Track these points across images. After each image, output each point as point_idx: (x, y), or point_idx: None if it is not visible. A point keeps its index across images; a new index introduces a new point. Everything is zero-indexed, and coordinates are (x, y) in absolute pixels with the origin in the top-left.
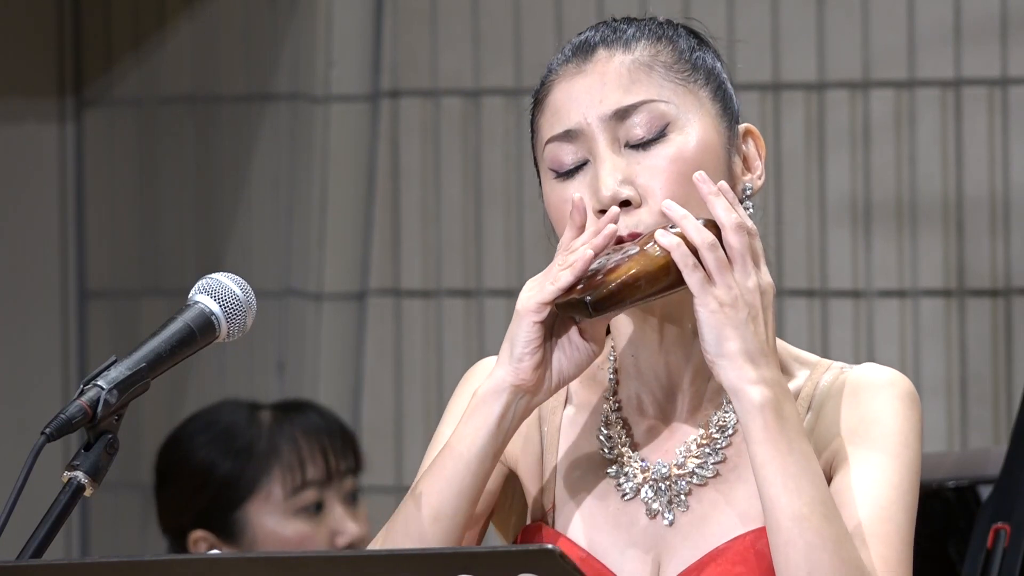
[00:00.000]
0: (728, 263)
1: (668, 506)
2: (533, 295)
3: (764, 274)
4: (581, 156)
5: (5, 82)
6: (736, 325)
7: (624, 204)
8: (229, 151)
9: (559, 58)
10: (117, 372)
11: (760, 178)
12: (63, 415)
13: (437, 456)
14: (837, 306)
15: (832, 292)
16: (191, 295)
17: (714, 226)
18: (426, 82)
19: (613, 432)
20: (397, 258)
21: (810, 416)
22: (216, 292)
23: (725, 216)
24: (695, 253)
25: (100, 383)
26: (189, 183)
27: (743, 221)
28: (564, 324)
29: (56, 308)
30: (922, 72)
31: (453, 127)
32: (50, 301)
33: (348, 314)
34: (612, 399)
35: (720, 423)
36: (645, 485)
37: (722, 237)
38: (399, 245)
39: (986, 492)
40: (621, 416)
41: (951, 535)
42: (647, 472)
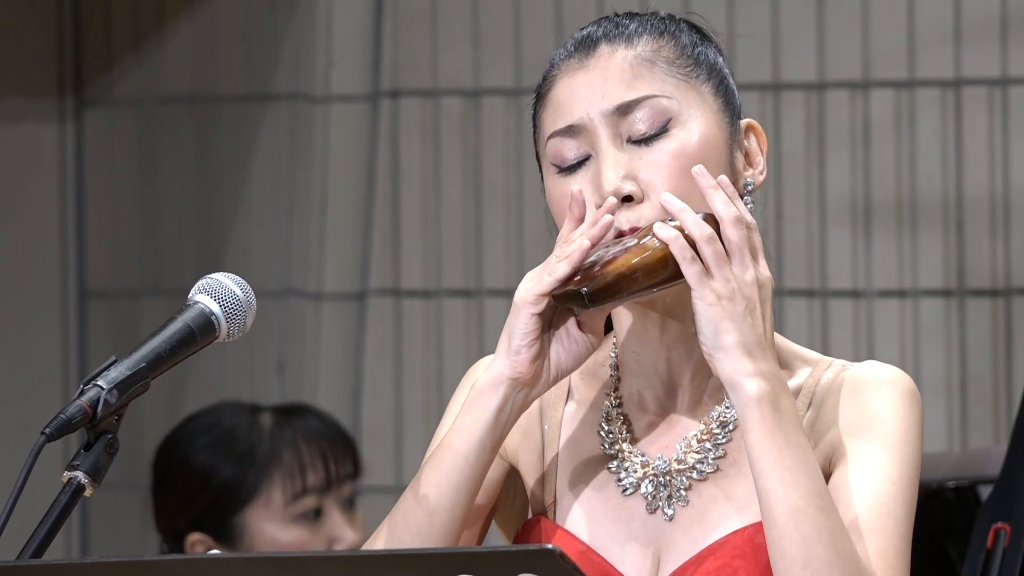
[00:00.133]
0: (726, 256)
1: (668, 501)
2: (531, 287)
3: (762, 268)
4: (583, 151)
5: (5, 82)
6: (733, 318)
7: (626, 199)
8: (229, 151)
9: (561, 53)
10: (117, 372)
11: (762, 173)
12: (63, 415)
13: (435, 449)
14: (837, 306)
15: (832, 292)
16: (191, 295)
17: (713, 220)
18: (426, 82)
19: (613, 427)
20: (397, 258)
21: (811, 412)
22: (216, 292)
23: (723, 210)
24: (693, 246)
25: (100, 383)
26: (189, 183)
27: (742, 215)
28: (562, 316)
29: (56, 308)
30: (922, 72)
31: (453, 127)
32: (50, 301)
33: (348, 314)
34: (613, 395)
35: (721, 418)
36: (645, 480)
37: (721, 231)
38: (399, 245)
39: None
40: (622, 412)
41: (951, 535)
42: (647, 467)
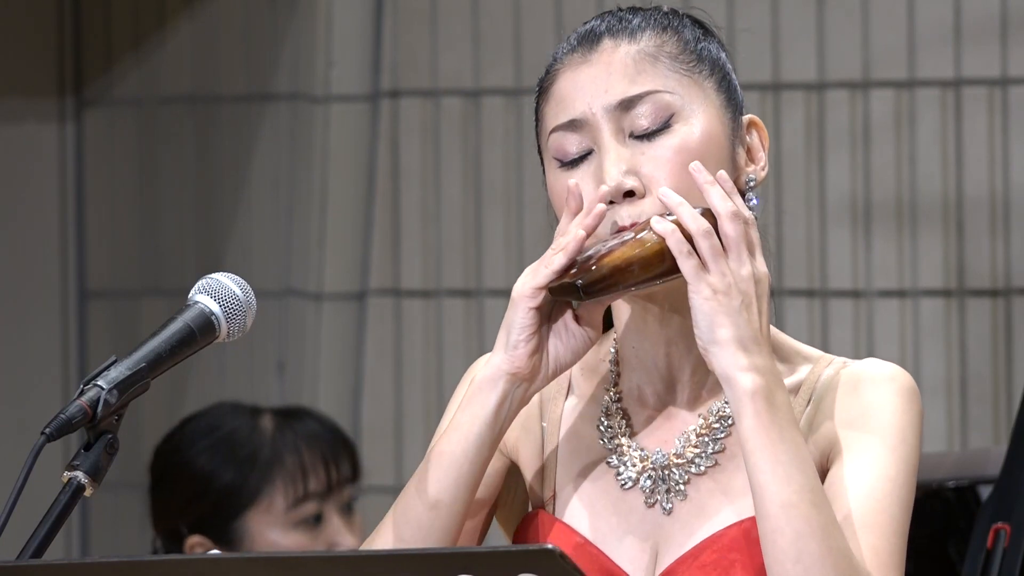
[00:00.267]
0: (723, 251)
1: (667, 495)
2: (528, 280)
3: (759, 263)
4: (585, 146)
5: (5, 82)
6: (729, 312)
7: (628, 195)
8: (229, 151)
9: (564, 47)
10: (117, 372)
11: (764, 169)
12: (63, 415)
13: (435, 445)
14: (837, 306)
15: (832, 292)
16: (191, 295)
17: (711, 215)
18: (426, 82)
19: (613, 422)
20: (397, 258)
21: (810, 408)
22: (216, 292)
23: (720, 204)
24: (691, 241)
25: (100, 383)
26: (189, 183)
27: (739, 210)
28: (560, 311)
29: (56, 308)
30: (922, 72)
31: (453, 127)
32: (50, 301)
33: (348, 314)
34: (613, 390)
35: (720, 413)
36: (644, 474)
37: (718, 226)
38: (399, 245)
39: (986, 492)
40: (621, 406)
41: (951, 535)
42: (646, 461)
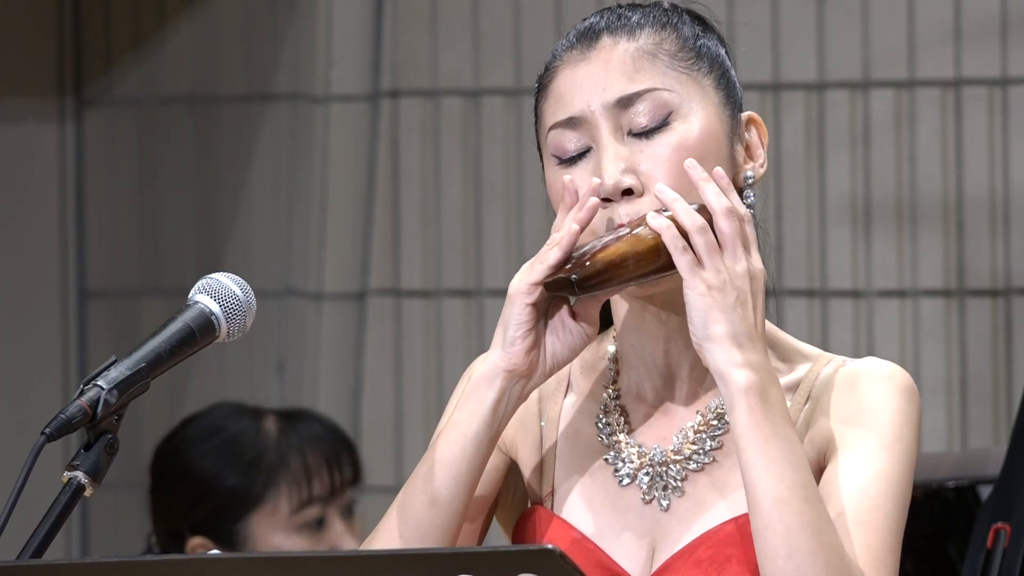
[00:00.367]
0: (718, 247)
1: (664, 491)
2: (524, 276)
3: (755, 260)
4: (584, 143)
5: (5, 82)
6: (724, 308)
7: (627, 192)
8: (229, 151)
9: (563, 44)
10: (117, 372)
11: (762, 166)
12: (63, 415)
13: (434, 442)
14: (837, 306)
15: (832, 292)
16: (191, 295)
17: (707, 212)
18: (426, 82)
19: (611, 419)
20: (397, 258)
21: (808, 406)
22: (216, 292)
23: (716, 201)
24: (686, 237)
25: (100, 383)
26: (189, 183)
27: (734, 206)
28: (557, 307)
29: (56, 308)
30: (922, 72)
31: (453, 127)
32: (50, 301)
33: (348, 314)
34: (612, 387)
35: (718, 410)
36: (642, 470)
37: (713, 222)
38: (399, 245)
39: (986, 492)
40: (620, 403)
41: (951, 535)
42: (644, 458)
